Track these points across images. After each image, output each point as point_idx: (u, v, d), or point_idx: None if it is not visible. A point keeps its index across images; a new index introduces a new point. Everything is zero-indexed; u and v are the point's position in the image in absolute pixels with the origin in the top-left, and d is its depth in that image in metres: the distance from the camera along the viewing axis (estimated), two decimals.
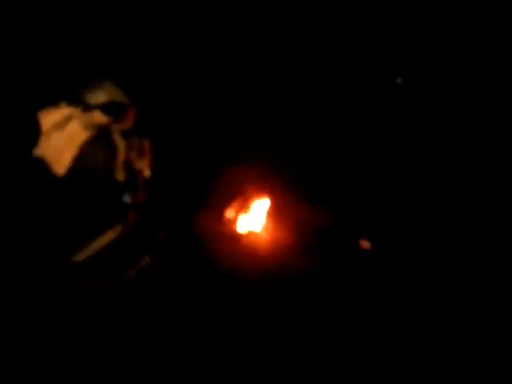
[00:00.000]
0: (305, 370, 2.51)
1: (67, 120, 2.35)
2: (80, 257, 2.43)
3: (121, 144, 2.49)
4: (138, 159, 2.64)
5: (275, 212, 3.15)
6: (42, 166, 2.38)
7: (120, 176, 2.49)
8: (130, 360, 2.45)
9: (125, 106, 2.51)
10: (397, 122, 3.50)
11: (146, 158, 2.68)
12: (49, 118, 2.37)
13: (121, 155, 2.49)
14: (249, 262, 2.90)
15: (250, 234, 3.06)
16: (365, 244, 3.04)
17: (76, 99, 2.40)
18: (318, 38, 3.62)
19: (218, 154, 3.37)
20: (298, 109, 3.64)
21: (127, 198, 2.54)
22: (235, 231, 3.04)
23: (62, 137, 2.36)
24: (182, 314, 2.68)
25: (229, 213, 3.05)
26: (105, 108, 2.41)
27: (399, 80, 3.34)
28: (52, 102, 2.40)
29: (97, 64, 3.13)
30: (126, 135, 2.55)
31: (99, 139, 2.43)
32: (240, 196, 3.11)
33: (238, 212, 3.07)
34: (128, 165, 2.56)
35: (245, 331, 2.66)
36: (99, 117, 2.42)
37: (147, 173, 2.67)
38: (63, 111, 2.38)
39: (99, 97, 2.43)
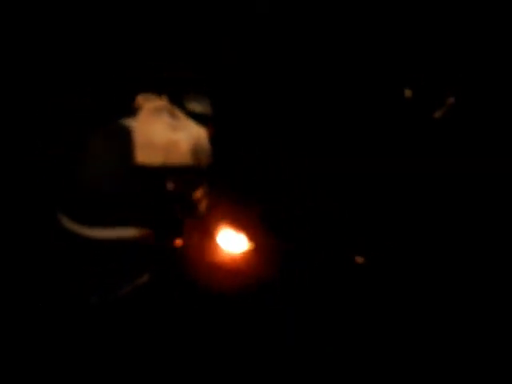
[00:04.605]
0: (303, 371, 2.56)
1: (171, 111, 2.33)
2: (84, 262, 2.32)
3: None
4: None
5: (263, 230, 3.10)
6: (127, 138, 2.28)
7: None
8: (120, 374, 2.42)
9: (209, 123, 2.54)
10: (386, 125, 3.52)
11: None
12: (148, 103, 2.33)
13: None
14: (240, 280, 2.87)
15: (241, 254, 3.00)
16: (359, 259, 3.02)
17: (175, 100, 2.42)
18: (318, 38, 3.63)
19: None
20: (297, 113, 3.61)
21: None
22: (225, 251, 2.96)
23: (174, 126, 2.31)
24: (175, 330, 2.66)
25: (218, 234, 2.97)
26: (201, 119, 2.45)
27: (408, 92, 3.35)
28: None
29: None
30: None
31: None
32: (227, 216, 3.03)
33: (225, 233, 2.99)
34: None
35: (240, 341, 2.68)
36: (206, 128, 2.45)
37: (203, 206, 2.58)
38: (162, 101, 2.36)
39: (196, 107, 2.47)
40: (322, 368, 2.58)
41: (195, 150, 2.33)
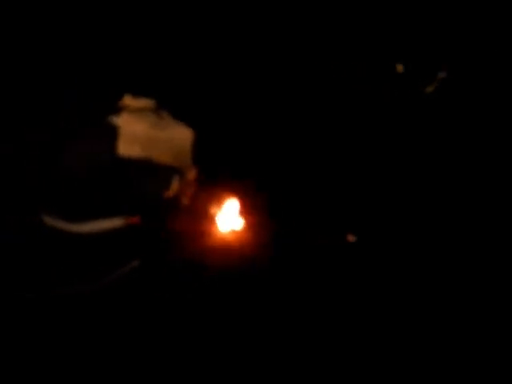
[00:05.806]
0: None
1: (157, 111, 2.30)
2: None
3: None
4: None
5: (255, 208, 3.15)
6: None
7: None
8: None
9: None
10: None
11: None
12: (135, 102, 2.34)
13: None
14: (234, 260, 2.81)
15: (232, 232, 3.07)
16: (351, 237, 2.95)
17: None
18: (318, 38, 3.63)
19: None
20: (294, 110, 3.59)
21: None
22: (218, 231, 3.04)
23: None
24: (169, 320, 2.56)
25: (211, 212, 3.06)
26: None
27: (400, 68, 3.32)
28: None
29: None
30: None
31: None
32: (219, 195, 3.11)
33: (218, 211, 3.07)
34: None
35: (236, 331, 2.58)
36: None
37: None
38: (149, 102, 2.34)
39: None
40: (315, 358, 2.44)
41: (176, 150, 2.42)
